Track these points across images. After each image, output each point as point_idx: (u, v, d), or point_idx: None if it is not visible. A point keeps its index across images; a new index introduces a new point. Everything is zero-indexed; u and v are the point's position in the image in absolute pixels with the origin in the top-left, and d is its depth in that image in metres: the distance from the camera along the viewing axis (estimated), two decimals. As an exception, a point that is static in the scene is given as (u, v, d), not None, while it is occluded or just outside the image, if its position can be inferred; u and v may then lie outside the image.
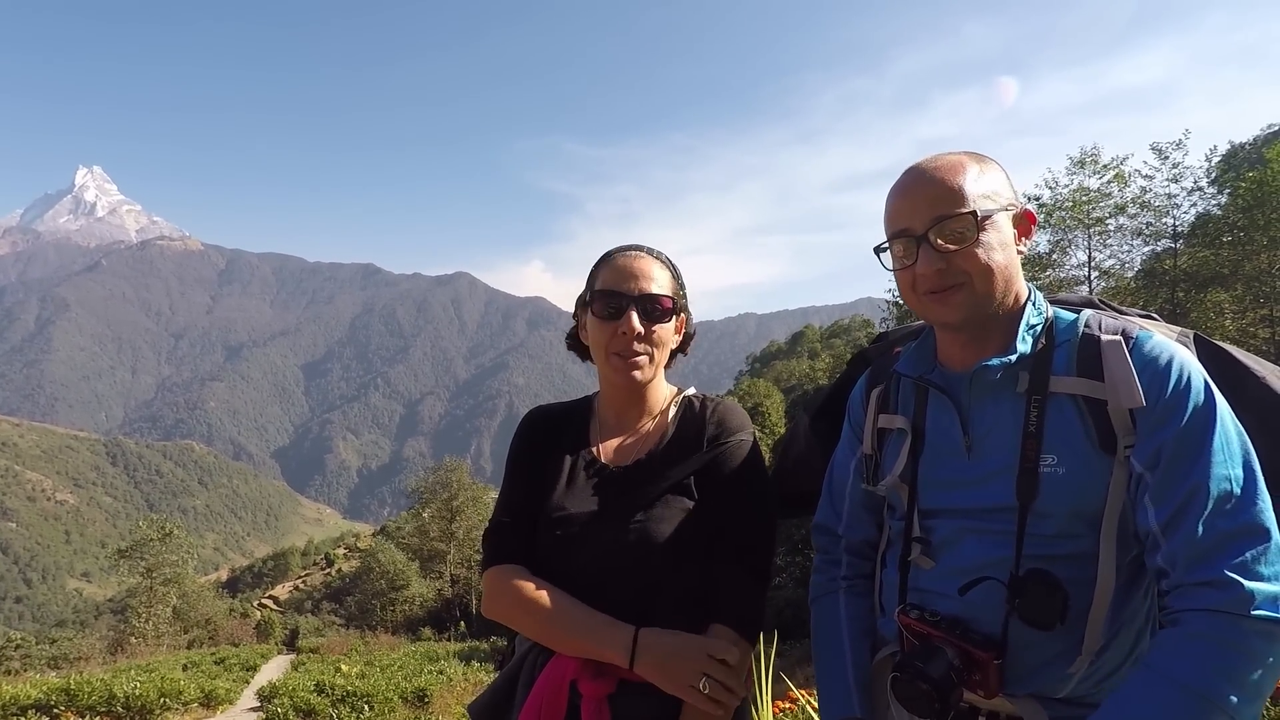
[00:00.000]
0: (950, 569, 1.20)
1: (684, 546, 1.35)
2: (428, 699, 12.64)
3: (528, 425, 1.54)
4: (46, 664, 28.52)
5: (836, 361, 43.93)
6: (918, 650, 1.17)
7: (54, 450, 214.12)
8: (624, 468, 1.44)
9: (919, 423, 1.28)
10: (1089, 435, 1.11)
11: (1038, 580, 1.09)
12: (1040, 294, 1.24)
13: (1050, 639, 1.11)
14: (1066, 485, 1.11)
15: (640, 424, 1.50)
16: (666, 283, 1.45)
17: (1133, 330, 1.14)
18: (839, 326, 76.22)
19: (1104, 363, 1.12)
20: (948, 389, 1.25)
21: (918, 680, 1.11)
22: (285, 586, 62.69)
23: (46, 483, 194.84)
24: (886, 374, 1.37)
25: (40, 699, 10.59)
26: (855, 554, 1.41)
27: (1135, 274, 22.54)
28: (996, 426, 1.19)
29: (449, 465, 45.90)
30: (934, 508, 1.24)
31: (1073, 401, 1.13)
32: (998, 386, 1.19)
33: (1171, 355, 1.10)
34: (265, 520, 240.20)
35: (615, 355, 1.42)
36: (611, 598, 1.32)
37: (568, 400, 1.60)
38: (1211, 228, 20.49)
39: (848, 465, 1.43)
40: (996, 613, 1.14)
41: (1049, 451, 1.12)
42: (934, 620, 1.18)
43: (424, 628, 36.02)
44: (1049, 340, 1.18)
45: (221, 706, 13.48)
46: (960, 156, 1.19)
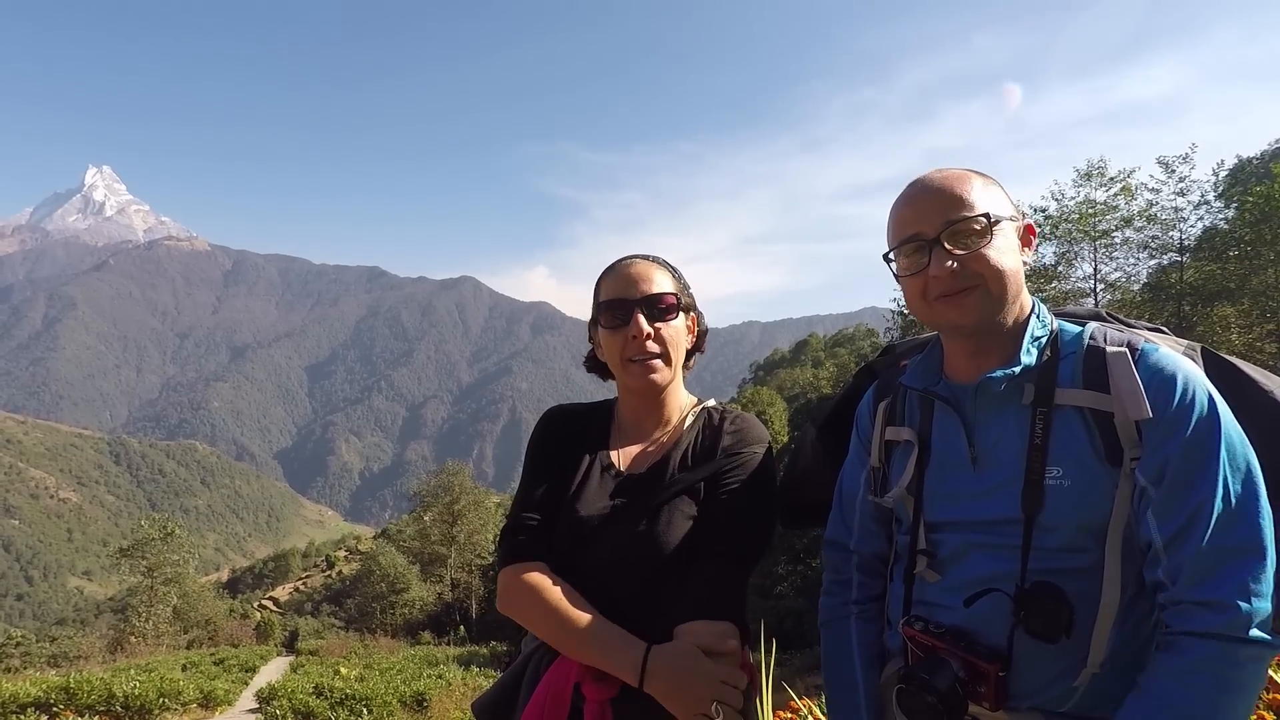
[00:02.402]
0: (956, 582, 1.19)
1: (691, 550, 1.36)
2: (426, 703, 12.63)
3: (549, 422, 1.54)
4: (46, 662, 28.55)
5: (840, 370, 43.88)
6: (923, 662, 1.16)
7: (58, 448, 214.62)
8: (640, 473, 1.45)
9: (925, 435, 1.28)
10: (1095, 448, 1.10)
11: (1044, 593, 1.09)
12: (1045, 306, 1.24)
13: (1056, 652, 1.10)
14: (1072, 498, 1.10)
15: (657, 432, 1.50)
16: (668, 283, 1.46)
17: (1138, 343, 1.14)
18: (843, 335, 76.18)
19: (1110, 375, 1.11)
20: (953, 401, 1.24)
21: (924, 693, 1.11)
22: (285, 588, 62.73)
23: (50, 480, 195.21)
24: (893, 387, 1.38)
25: (40, 697, 10.59)
26: (866, 571, 1.41)
27: (1141, 287, 22.47)
28: (1002, 439, 1.18)
29: (451, 469, 45.88)
30: (940, 520, 1.24)
31: (1078, 414, 1.13)
32: (1003, 399, 1.19)
33: (1177, 368, 1.10)
34: (266, 521, 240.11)
35: (630, 362, 1.42)
36: (618, 597, 1.33)
37: (588, 402, 1.60)
38: (1218, 242, 20.43)
39: (857, 478, 1.42)
40: (1002, 625, 1.13)
41: (1054, 464, 1.12)
42: (939, 632, 1.17)
43: (424, 631, 35.97)
44: (1054, 352, 1.18)
45: (220, 708, 13.45)
46: (964, 170, 1.21)
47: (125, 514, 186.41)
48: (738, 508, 1.39)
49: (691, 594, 1.31)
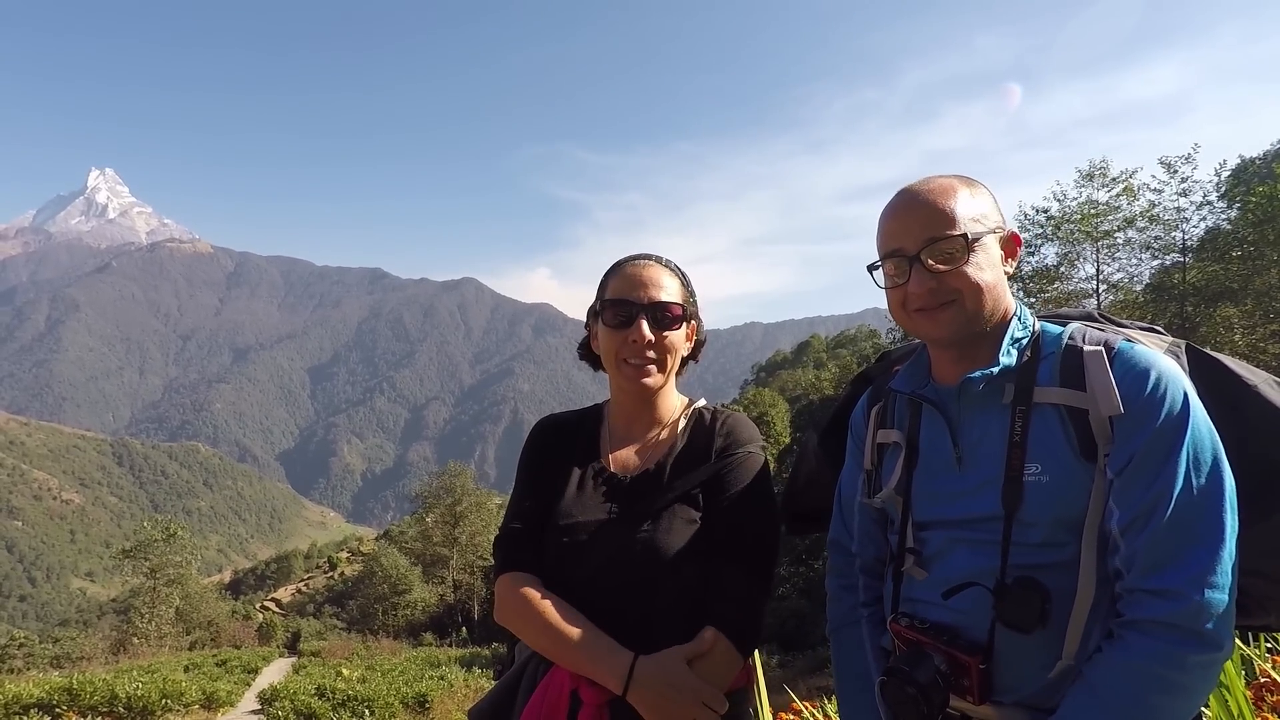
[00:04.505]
0: (941, 579, 1.22)
1: (689, 556, 1.36)
2: (428, 704, 12.64)
3: (538, 434, 1.56)
4: (49, 663, 28.60)
5: (843, 371, 43.79)
6: (905, 655, 1.20)
7: (61, 450, 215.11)
8: (633, 477, 1.45)
9: (913, 437, 1.32)
10: (1070, 444, 1.13)
11: (1021, 586, 1.11)
12: (1028, 309, 1.28)
13: (1034, 644, 1.12)
14: (1050, 493, 1.13)
15: (649, 434, 1.51)
16: (676, 290, 1.46)
17: (1115, 341, 1.17)
18: (845, 337, 76.00)
19: (1085, 373, 1.14)
20: (939, 403, 1.28)
21: (905, 685, 1.14)
22: (288, 589, 62.72)
23: (53, 482, 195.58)
24: (885, 391, 1.42)
25: (43, 698, 10.64)
26: (869, 574, 1.43)
27: (1144, 288, 22.43)
28: (984, 438, 1.22)
29: (453, 470, 45.95)
30: (926, 519, 1.27)
31: (1056, 411, 1.15)
32: (984, 399, 1.23)
33: (1150, 365, 1.12)
34: (269, 523, 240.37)
35: (625, 363, 1.44)
36: (615, 604, 1.33)
37: (578, 409, 1.61)
38: (1221, 242, 20.39)
39: (854, 482, 1.46)
40: (982, 619, 1.16)
41: (1033, 460, 1.14)
42: (923, 627, 1.21)
43: (425, 633, 36.05)
44: (1035, 353, 1.21)
45: (222, 709, 13.48)
46: (951, 180, 1.23)
47: (128, 515, 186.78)
48: (745, 512, 1.40)
49: (719, 600, 1.34)
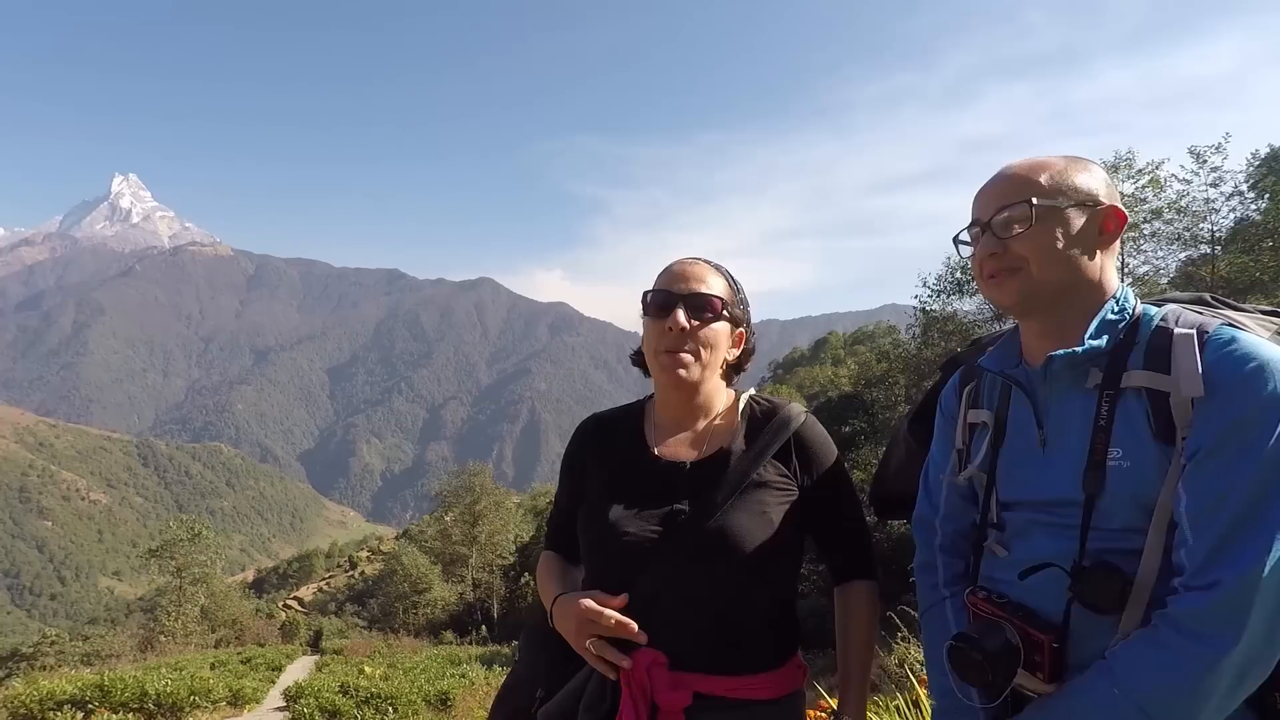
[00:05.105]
0: (1020, 559, 1.23)
1: (773, 538, 1.39)
2: (450, 702, 12.66)
3: (579, 431, 1.62)
4: (80, 660, 29.01)
5: (861, 368, 43.29)
6: (977, 625, 1.23)
7: (88, 451, 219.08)
8: (696, 463, 1.46)
9: (1001, 417, 1.33)
10: (1151, 427, 1.12)
11: (1101, 569, 1.11)
12: (1131, 292, 1.26)
13: (1112, 627, 1.11)
14: (1130, 478, 1.12)
15: (700, 423, 1.52)
16: (720, 288, 1.47)
17: (1211, 325, 1.13)
18: (863, 333, 75.26)
19: (1172, 356, 1.12)
20: (1025, 384, 1.29)
21: (973, 651, 1.15)
22: (309, 588, 63.31)
23: (81, 483, 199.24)
24: (976, 371, 1.43)
25: (76, 695, 10.76)
26: (949, 551, 1.44)
27: (1171, 280, 21.99)
28: (1069, 421, 1.21)
29: (472, 470, 46.03)
30: (1009, 499, 1.29)
31: (1138, 394, 1.14)
32: (1071, 381, 1.22)
33: (1249, 350, 1.07)
34: (290, 522, 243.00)
35: (663, 353, 1.44)
36: (685, 616, 1.35)
37: (622, 404, 1.64)
38: (1251, 233, 19.95)
39: (942, 459, 1.47)
40: (1058, 599, 1.16)
41: (1116, 445, 1.13)
42: (1000, 602, 1.22)
43: (446, 631, 36.14)
44: (1129, 337, 1.19)
45: (249, 706, 13.60)
46: (1047, 158, 1.24)
47: (153, 515, 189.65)
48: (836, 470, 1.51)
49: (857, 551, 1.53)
